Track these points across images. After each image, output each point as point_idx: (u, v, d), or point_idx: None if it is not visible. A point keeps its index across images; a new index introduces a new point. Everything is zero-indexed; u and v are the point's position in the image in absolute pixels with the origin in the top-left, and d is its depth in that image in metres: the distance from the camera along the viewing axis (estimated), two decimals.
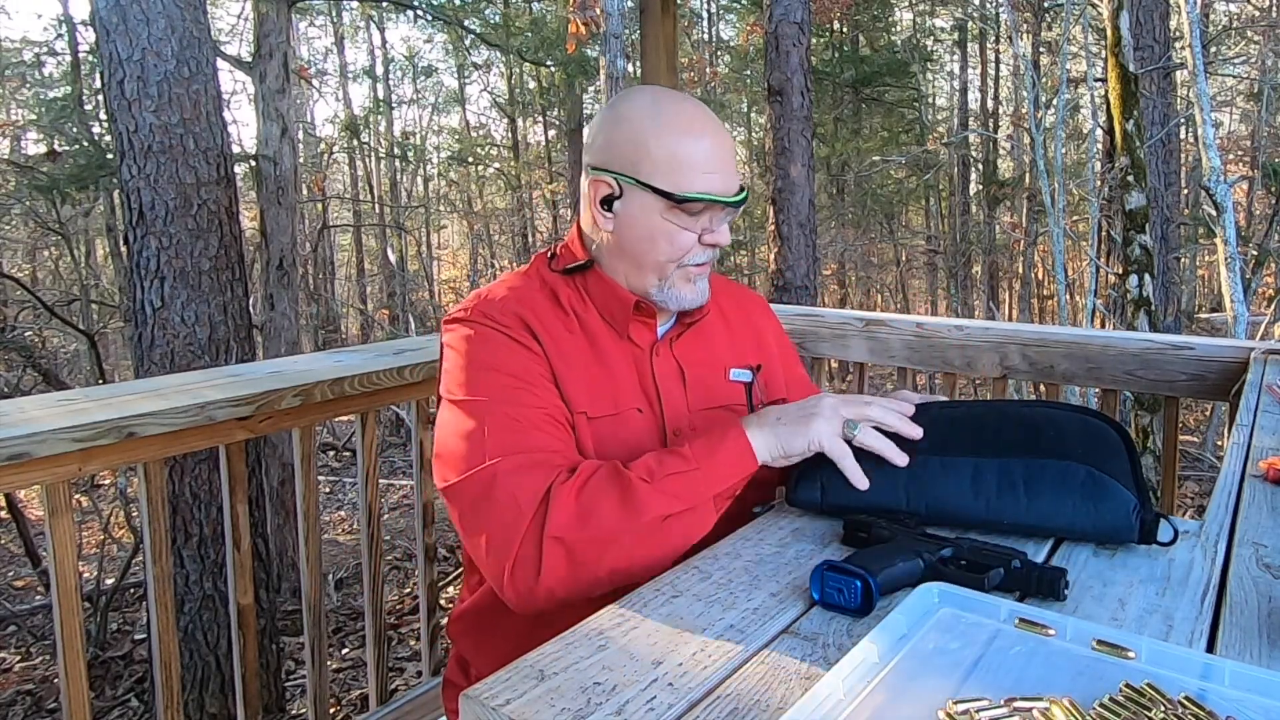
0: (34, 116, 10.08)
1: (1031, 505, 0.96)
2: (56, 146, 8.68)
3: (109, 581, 4.99)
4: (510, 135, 16.41)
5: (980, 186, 14.43)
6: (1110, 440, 1.00)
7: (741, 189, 1.13)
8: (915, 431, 1.01)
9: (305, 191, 11.19)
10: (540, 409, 1.06)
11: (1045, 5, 11.03)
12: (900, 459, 0.99)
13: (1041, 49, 11.27)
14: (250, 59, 6.77)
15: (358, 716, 3.66)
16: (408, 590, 5.30)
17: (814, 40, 8.40)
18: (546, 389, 1.08)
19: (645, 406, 1.16)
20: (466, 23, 11.60)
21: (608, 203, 1.14)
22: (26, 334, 8.04)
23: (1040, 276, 13.33)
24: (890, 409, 1.02)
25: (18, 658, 4.62)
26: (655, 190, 1.09)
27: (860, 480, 0.99)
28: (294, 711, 3.92)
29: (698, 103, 1.16)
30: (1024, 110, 10.47)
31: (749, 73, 13.74)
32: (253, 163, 6.67)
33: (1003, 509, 0.97)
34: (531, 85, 15.65)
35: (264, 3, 6.41)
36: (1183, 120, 8.36)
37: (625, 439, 1.12)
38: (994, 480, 0.97)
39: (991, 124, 14.97)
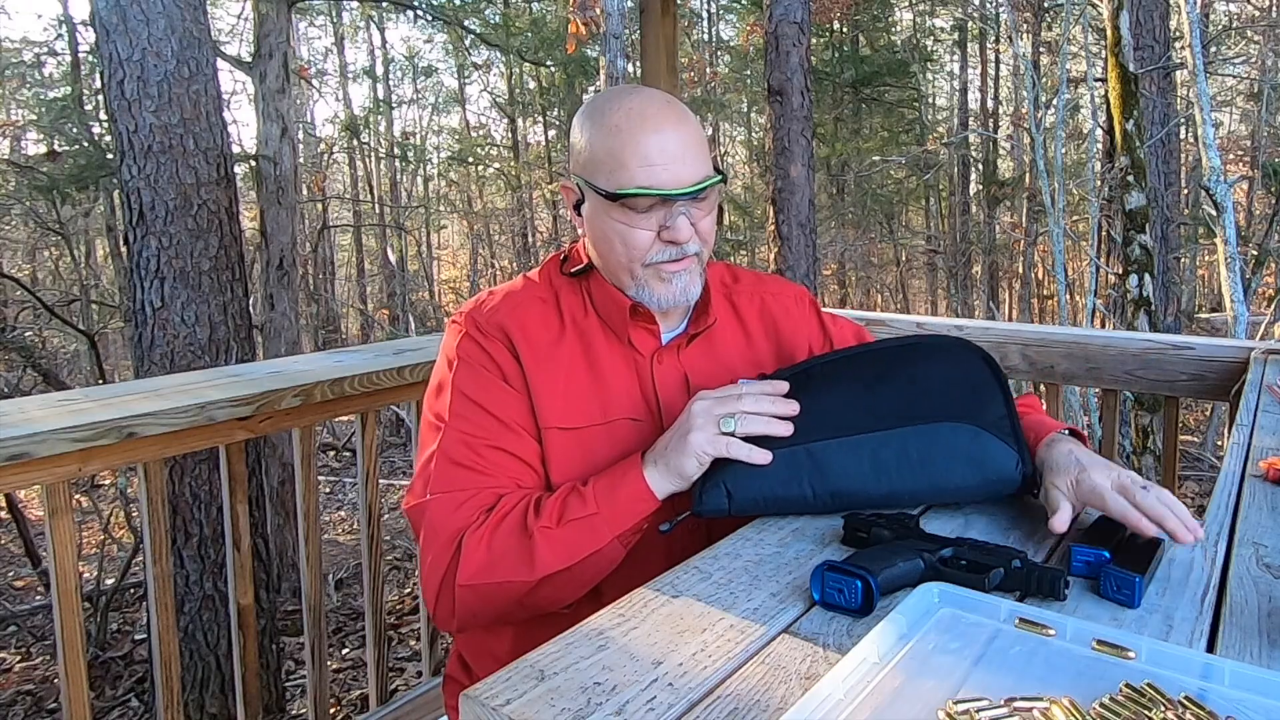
0: (34, 116, 10.08)
1: (926, 472, 1.01)
2: (56, 146, 8.69)
3: (109, 581, 4.99)
4: (510, 135, 16.40)
5: (980, 186, 14.43)
6: (986, 385, 1.06)
7: (702, 180, 1.07)
8: (788, 410, 1.01)
9: (305, 191, 11.19)
10: (490, 442, 1.07)
11: (1045, 5, 11.03)
12: (784, 429, 1.00)
13: (1041, 49, 11.27)
14: (250, 59, 6.77)
15: (358, 716, 3.66)
16: (408, 590, 5.30)
17: (814, 40, 8.40)
18: (509, 418, 1.08)
19: (644, 415, 1.14)
20: (466, 23, 11.60)
21: (578, 208, 1.14)
22: (26, 334, 8.04)
23: (1040, 276, 13.33)
24: (762, 397, 1.02)
25: (18, 658, 4.62)
26: (595, 189, 1.08)
27: (759, 457, 0.99)
28: (294, 711, 3.92)
29: (651, 96, 1.10)
30: (1024, 110, 10.47)
31: (749, 73, 13.74)
32: (253, 163, 6.67)
33: (902, 483, 1.01)
34: (531, 85, 15.65)
35: (264, 3, 6.41)
36: (1183, 120, 8.37)
37: (613, 448, 1.11)
38: (893, 458, 1.01)
39: (991, 124, 14.97)
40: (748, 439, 1.00)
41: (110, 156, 6.54)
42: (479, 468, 1.05)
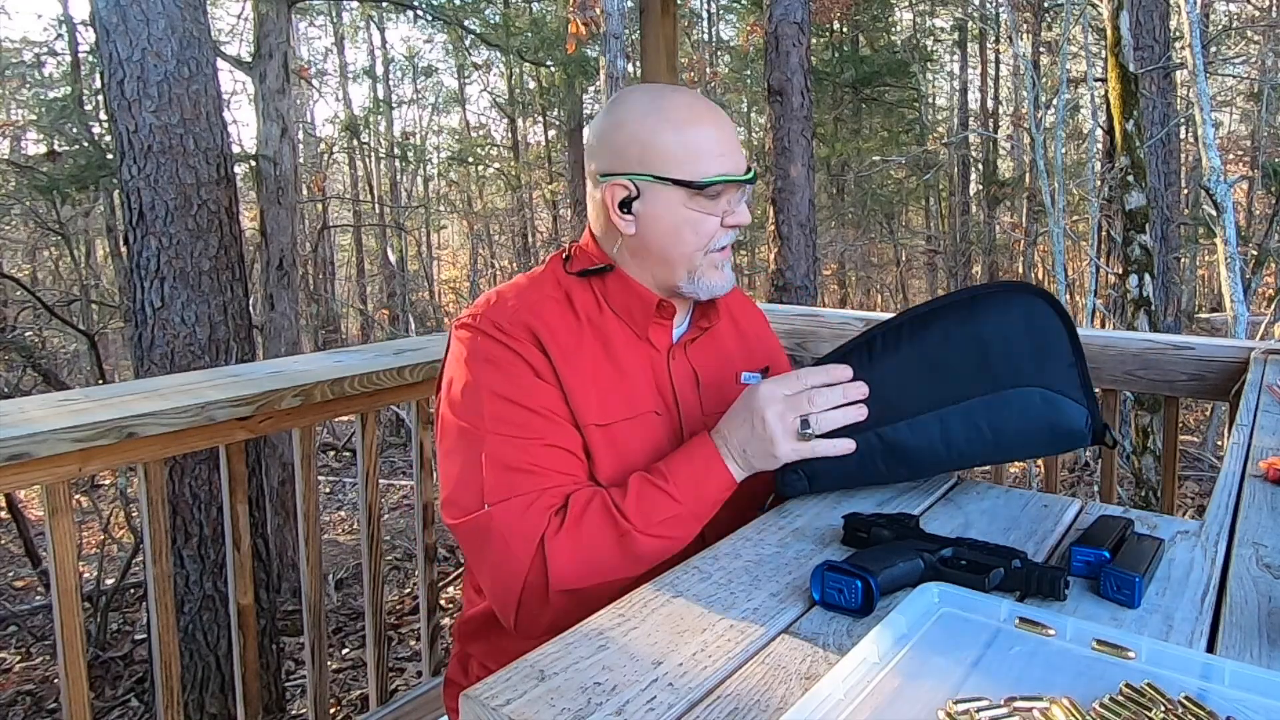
0: (34, 116, 10.08)
1: (998, 443, 1.03)
2: (56, 146, 8.69)
3: (109, 581, 4.99)
4: (510, 135, 16.41)
5: (980, 186, 14.43)
6: (1052, 334, 1.05)
7: (751, 167, 1.16)
8: (859, 395, 1.04)
9: (305, 191, 11.19)
10: (538, 439, 1.05)
11: (1045, 5, 11.03)
12: (859, 414, 1.03)
13: (1041, 49, 11.27)
14: (250, 59, 6.77)
15: (358, 716, 3.66)
16: (408, 590, 5.30)
17: (814, 40, 8.40)
18: (549, 410, 1.07)
19: (663, 409, 1.16)
20: (466, 23, 11.60)
21: (626, 205, 1.12)
22: (26, 334, 8.04)
23: (1040, 276, 13.33)
24: (831, 390, 1.04)
25: (18, 658, 4.62)
26: (675, 182, 1.09)
27: (844, 447, 1.03)
28: (294, 711, 3.92)
29: (693, 92, 1.18)
30: (1024, 110, 10.48)
31: (749, 73, 13.74)
32: (253, 163, 6.67)
33: (973, 453, 1.04)
34: (531, 85, 15.65)
35: (264, 3, 6.41)
36: (1183, 120, 8.36)
37: (644, 442, 1.13)
38: (960, 430, 1.04)
39: (991, 124, 14.97)
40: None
41: (110, 156, 6.54)
42: (533, 468, 1.04)
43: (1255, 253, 7.79)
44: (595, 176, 1.15)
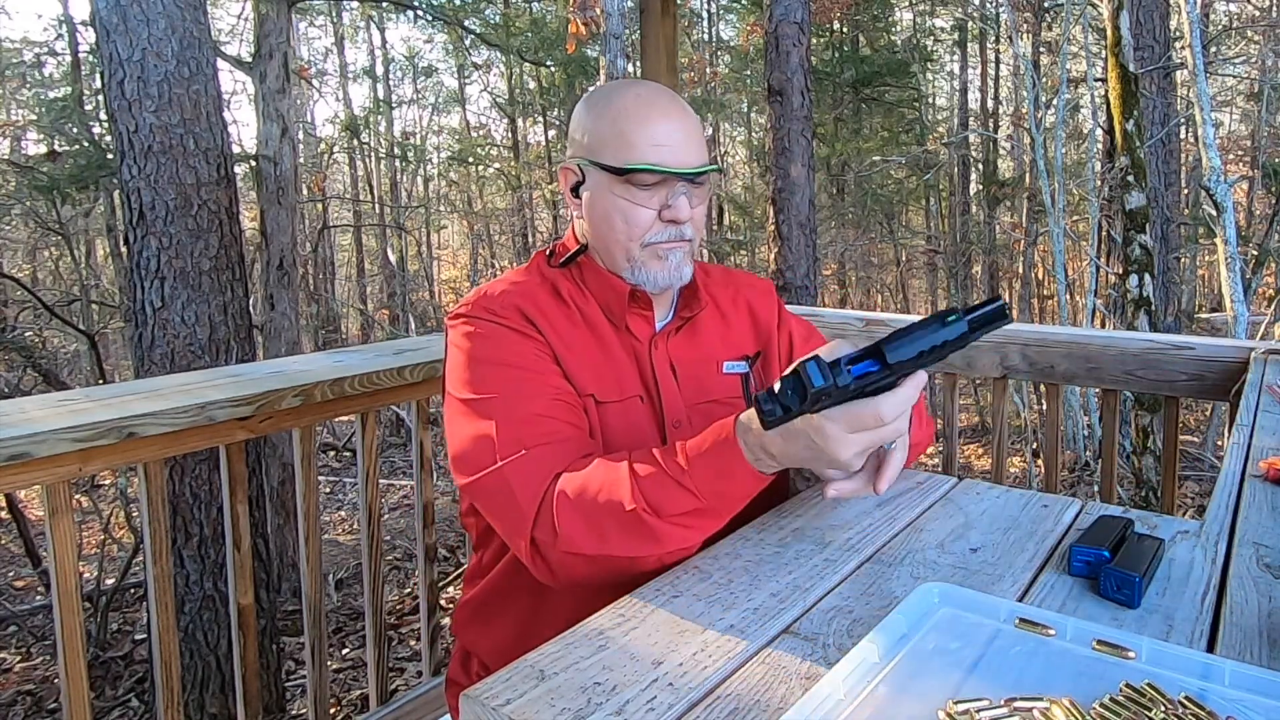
0: (34, 116, 10.07)
1: None
2: (56, 146, 8.69)
3: (109, 581, 4.99)
4: (510, 135, 16.40)
5: (980, 186, 14.42)
6: None
7: (703, 166, 1.11)
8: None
9: (305, 191, 11.18)
10: (543, 396, 1.05)
11: (1045, 5, 11.03)
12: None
13: (1041, 49, 11.27)
14: (250, 59, 6.78)
15: (358, 716, 3.66)
16: (408, 590, 5.30)
17: (814, 40, 8.40)
18: (551, 370, 1.09)
19: (646, 396, 1.18)
20: (466, 23, 11.60)
21: (576, 190, 1.16)
22: (26, 334, 8.04)
23: (1040, 276, 13.33)
24: (903, 418, 0.82)
25: (18, 658, 4.62)
26: (602, 166, 1.10)
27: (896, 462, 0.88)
28: (294, 711, 3.92)
29: (658, 86, 1.16)
30: (1024, 110, 10.47)
31: (749, 73, 13.73)
32: (253, 163, 6.67)
33: None
34: (531, 85, 15.64)
35: (264, 3, 6.41)
36: (1183, 120, 8.37)
37: (630, 425, 1.14)
38: None
39: (991, 124, 14.96)
40: None
41: (110, 156, 6.54)
42: (539, 417, 1.02)
43: (1255, 253, 7.79)
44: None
